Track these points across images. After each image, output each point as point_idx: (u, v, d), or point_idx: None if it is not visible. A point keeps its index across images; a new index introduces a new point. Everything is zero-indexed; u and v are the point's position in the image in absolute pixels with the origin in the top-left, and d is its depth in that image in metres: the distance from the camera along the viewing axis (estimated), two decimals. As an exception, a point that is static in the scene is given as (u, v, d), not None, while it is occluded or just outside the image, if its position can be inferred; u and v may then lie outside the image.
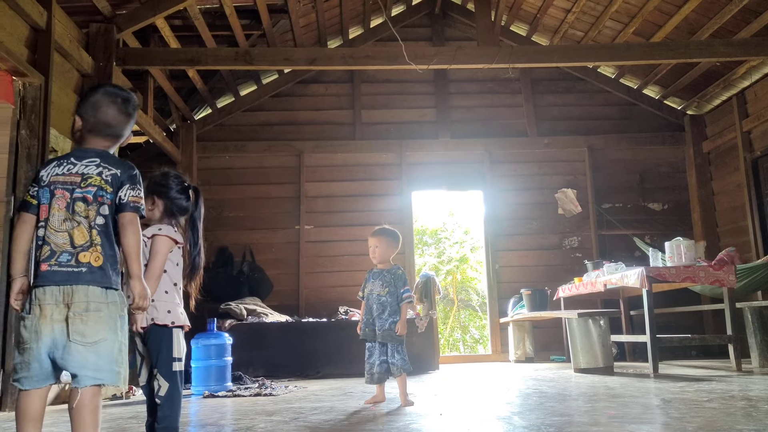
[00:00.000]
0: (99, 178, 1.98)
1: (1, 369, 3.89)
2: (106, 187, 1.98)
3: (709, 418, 2.72)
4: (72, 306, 1.88)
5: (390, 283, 3.74)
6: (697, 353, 7.22)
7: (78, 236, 1.94)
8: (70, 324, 1.87)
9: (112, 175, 1.99)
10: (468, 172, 7.99)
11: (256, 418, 3.24)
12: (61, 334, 1.87)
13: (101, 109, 2.07)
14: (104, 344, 1.90)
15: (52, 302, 1.88)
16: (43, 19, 4.28)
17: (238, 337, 5.46)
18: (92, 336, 1.88)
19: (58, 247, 1.93)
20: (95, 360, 1.88)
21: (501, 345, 7.64)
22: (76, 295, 1.89)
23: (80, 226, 1.94)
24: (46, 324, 1.87)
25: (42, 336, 1.87)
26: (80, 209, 1.95)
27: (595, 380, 4.72)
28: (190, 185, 2.61)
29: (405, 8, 8.17)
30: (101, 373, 1.89)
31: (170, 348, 2.40)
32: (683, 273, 5.13)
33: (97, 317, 1.90)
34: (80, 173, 1.98)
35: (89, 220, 1.95)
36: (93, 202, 1.96)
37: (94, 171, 1.99)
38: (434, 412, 3.29)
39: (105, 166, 2.00)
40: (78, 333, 1.87)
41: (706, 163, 7.81)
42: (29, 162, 4.12)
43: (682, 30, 6.66)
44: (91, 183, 1.97)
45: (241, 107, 7.92)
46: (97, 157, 2.02)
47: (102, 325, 1.91)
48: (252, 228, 7.62)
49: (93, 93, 2.11)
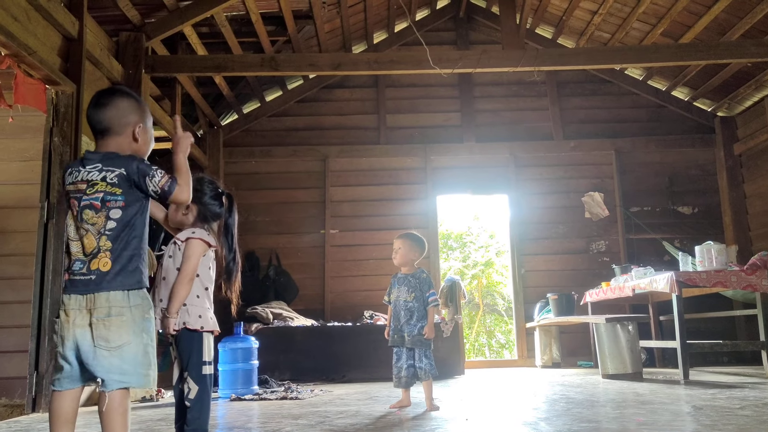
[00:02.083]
0: (104, 183, 1.96)
1: (35, 371, 3.98)
2: (114, 191, 1.96)
3: (742, 426, 2.67)
4: (94, 312, 1.91)
5: (416, 288, 3.74)
6: (729, 360, 7.08)
7: (88, 244, 1.95)
8: (94, 329, 1.90)
9: (118, 176, 1.96)
10: (493, 176, 7.95)
11: (282, 422, 3.26)
12: (86, 339, 1.90)
13: (88, 111, 2.07)
14: (128, 348, 1.92)
15: (76, 308, 1.92)
16: (75, 28, 4.38)
17: (264, 341, 5.50)
18: (116, 341, 1.90)
19: (74, 256, 1.96)
20: (120, 364, 1.90)
21: (527, 350, 7.58)
22: (98, 301, 1.91)
23: (89, 234, 1.95)
24: (71, 329, 1.91)
25: (67, 340, 1.91)
26: (88, 217, 1.96)
27: (624, 386, 4.65)
28: (223, 191, 2.64)
29: (429, 12, 8.18)
30: (127, 376, 1.91)
31: (200, 352, 2.44)
32: (714, 278, 5.03)
33: (119, 322, 1.91)
34: (85, 180, 1.98)
35: (97, 227, 1.95)
36: (101, 209, 1.95)
37: (98, 176, 1.97)
38: (460, 417, 3.28)
39: (107, 168, 1.98)
40: (102, 338, 1.90)
41: (738, 166, 7.65)
42: (62, 169, 4.21)
43: (711, 30, 6.55)
44: (97, 189, 1.96)
45: (266, 113, 8.00)
46: (98, 162, 2.00)
47: (125, 329, 1.92)
48: (278, 232, 7.68)
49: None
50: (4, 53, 3.81)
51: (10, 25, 3.63)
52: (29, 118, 4.52)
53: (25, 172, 4.57)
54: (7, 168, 4.64)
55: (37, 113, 4.28)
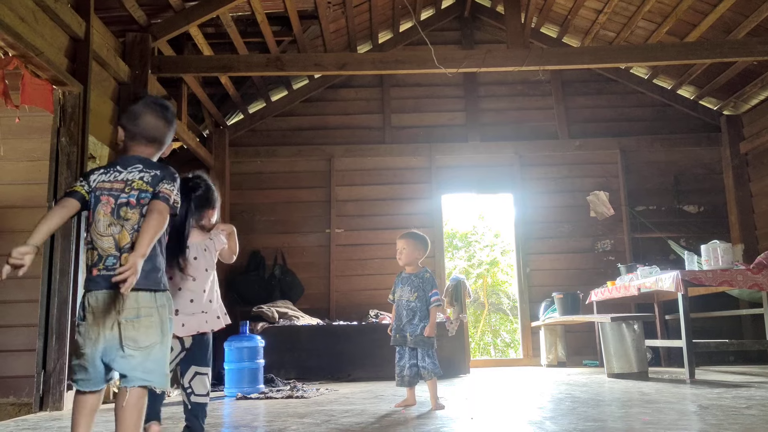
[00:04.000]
0: (140, 181, 2.05)
1: (42, 370, 4.00)
2: (147, 188, 2.04)
3: (748, 426, 2.66)
4: (123, 312, 1.94)
5: (419, 287, 3.75)
6: (735, 359, 7.05)
7: (122, 239, 2.00)
8: (123, 330, 1.94)
9: (152, 176, 2.07)
10: (498, 175, 7.94)
11: (288, 420, 3.27)
12: (114, 339, 1.94)
13: (142, 118, 2.15)
14: (156, 348, 1.98)
15: (102, 308, 1.95)
16: (81, 29, 4.41)
17: (269, 340, 5.52)
18: (144, 341, 1.96)
19: (104, 252, 2.00)
20: (145, 363, 1.95)
21: (532, 349, 7.57)
22: (127, 302, 1.94)
23: (123, 230, 2.01)
24: (98, 330, 1.95)
25: (95, 341, 1.95)
26: (124, 213, 2.02)
27: (629, 385, 4.65)
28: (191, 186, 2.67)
29: (434, 12, 8.18)
30: (151, 375, 1.96)
31: (210, 351, 2.51)
32: (720, 276, 5.02)
33: (148, 322, 1.97)
34: (124, 180, 2.06)
35: (131, 222, 2.01)
36: (136, 206, 2.03)
37: (137, 176, 2.07)
38: (465, 416, 3.28)
39: (146, 170, 2.08)
40: (130, 339, 1.94)
41: (744, 165, 7.63)
42: (69, 169, 4.24)
43: (717, 29, 6.53)
44: (134, 187, 2.04)
45: (272, 112, 8.02)
46: (139, 163, 2.10)
47: (154, 329, 1.98)
48: (283, 232, 7.70)
49: (133, 104, 2.20)
50: (11, 54, 3.83)
51: (18, 26, 3.66)
52: (36, 119, 4.54)
53: (33, 173, 4.59)
54: (15, 168, 4.66)
55: (44, 114, 4.30)
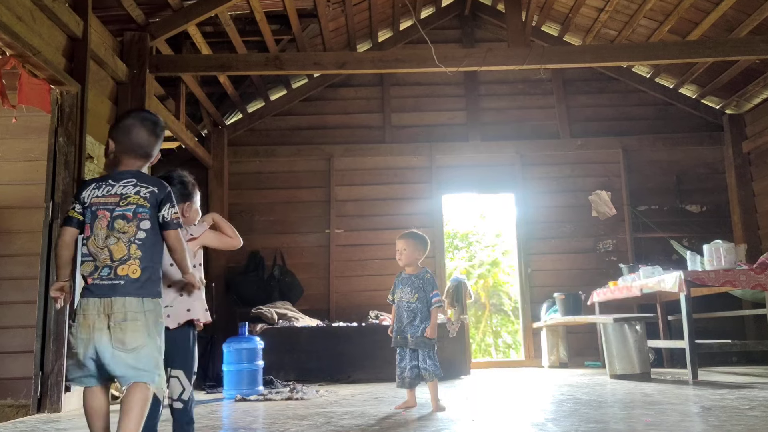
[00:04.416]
0: (137, 196, 2.15)
1: (40, 372, 3.97)
2: (145, 204, 2.14)
3: (751, 427, 2.63)
4: (111, 316, 2.05)
5: (419, 288, 3.72)
6: (738, 359, 7.02)
7: (116, 251, 2.10)
8: (112, 332, 2.04)
9: (150, 193, 2.16)
10: (499, 175, 7.91)
11: (288, 422, 3.25)
12: (104, 341, 2.04)
13: (133, 132, 2.22)
14: (144, 350, 2.07)
15: (94, 312, 2.06)
16: (79, 28, 4.38)
17: (269, 341, 5.49)
18: (131, 343, 2.05)
19: (100, 263, 2.11)
20: (134, 363, 2.05)
21: (534, 350, 7.53)
22: (114, 306, 2.06)
23: (119, 242, 2.11)
24: (89, 332, 2.05)
25: (85, 342, 2.05)
26: (120, 226, 2.12)
27: (632, 387, 4.62)
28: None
29: (434, 10, 8.14)
30: (142, 373, 2.06)
31: (189, 352, 2.48)
32: (723, 277, 4.98)
33: (134, 326, 2.06)
34: (118, 194, 2.15)
35: (128, 235, 2.12)
36: (133, 219, 2.13)
37: (132, 191, 2.16)
38: (466, 418, 3.25)
39: (141, 185, 2.17)
40: (119, 341, 2.05)
41: (747, 164, 7.59)
42: (67, 168, 4.21)
43: (719, 27, 6.49)
44: (130, 201, 2.14)
45: (271, 112, 7.98)
46: (133, 178, 2.19)
47: (140, 332, 2.07)
48: (282, 232, 7.66)
49: (125, 118, 2.27)
50: (8, 53, 3.81)
51: (15, 25, 3.63)
52: (34, 119, 4.51)
53: (30, 173, 4.57)
54: (12, 168, 4.64)
55: (41, 113, 4.27)
